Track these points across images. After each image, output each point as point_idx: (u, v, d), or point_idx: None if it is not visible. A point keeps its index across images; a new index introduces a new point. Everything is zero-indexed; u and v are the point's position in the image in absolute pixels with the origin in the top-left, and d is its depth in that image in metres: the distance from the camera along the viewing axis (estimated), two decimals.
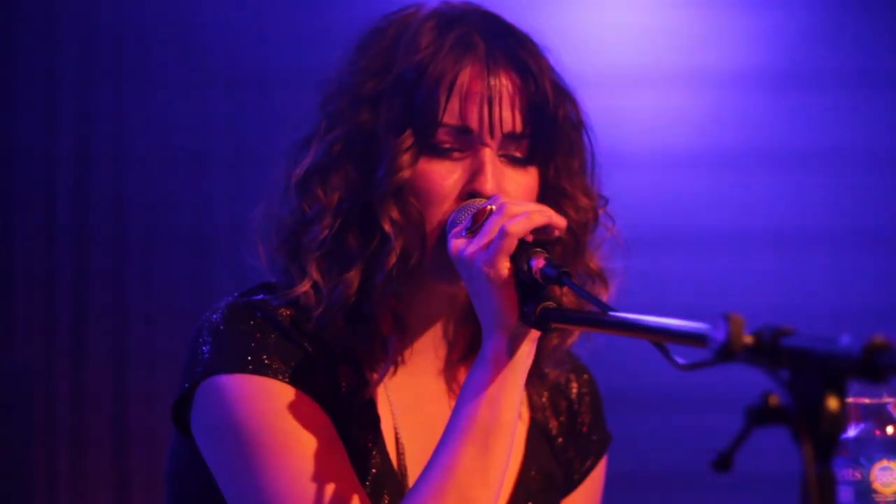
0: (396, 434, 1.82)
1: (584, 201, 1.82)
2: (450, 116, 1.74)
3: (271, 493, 1.69)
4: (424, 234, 1.75)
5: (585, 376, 2.02)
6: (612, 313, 1.53)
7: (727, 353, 1.21)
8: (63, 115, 4.63)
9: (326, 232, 1.76)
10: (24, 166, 4.63)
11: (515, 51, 1.77)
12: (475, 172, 1.74)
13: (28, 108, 4.59)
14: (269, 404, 1.72)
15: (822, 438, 1.16)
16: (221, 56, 4.42)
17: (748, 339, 1.21)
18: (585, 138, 1.83)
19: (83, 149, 4.67)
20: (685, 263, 4.40)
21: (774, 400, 1.17)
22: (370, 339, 1.78)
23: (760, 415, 1.17)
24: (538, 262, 1.62)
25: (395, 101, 1.75)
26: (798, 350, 1.18)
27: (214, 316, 1.79)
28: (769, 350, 1.20)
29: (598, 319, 1.55)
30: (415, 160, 1.74)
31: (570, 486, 2.00)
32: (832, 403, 1.15)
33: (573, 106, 1.82)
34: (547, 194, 1.80)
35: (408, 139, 1.74)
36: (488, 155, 1.74)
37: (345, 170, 1.77)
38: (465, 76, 1.74)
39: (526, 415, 1.94)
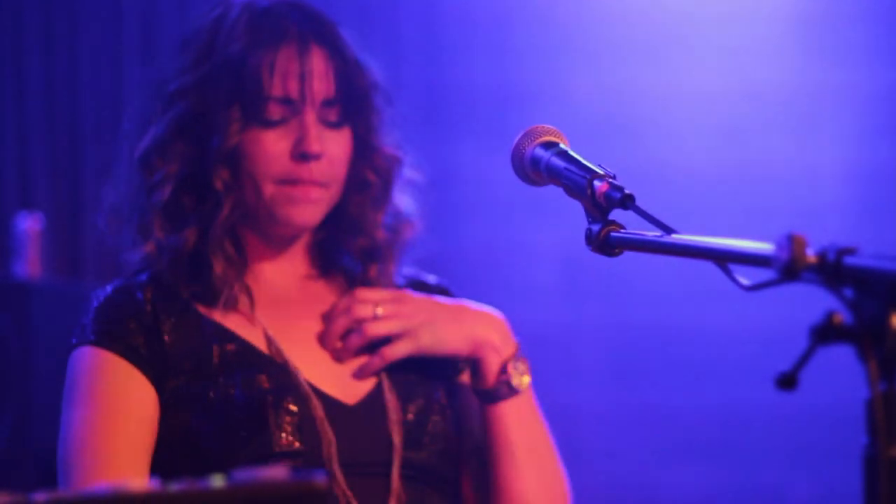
0: (266, 332, 2.10)
1: (387, 151, 2.19)
2: (273, 90, 2.08)
3: (60, 442, 2.02)
4: (260, 189, 2.08)
5: (447, 292, 2.32)
6: (675, 236, 1.53)
7: (791, 272, 1.22)
8: None
9: (167, 196, 2.09)
10: None
11: (322, 32, 2.12)
12: (301, 136, 2.07)
13: None
14: (90, 367, 2.06)
15: (887, 357, 1.16)
16: None
17: (811, 257, 1.22)
18: (384, 100, 2.19)
19: None
20: None
21: (838, 319, 1.17)
22: (211, 280, 2.09)
23: (825, 333, 1.17)
24: (602, 186, 1.63)
25: (222, 82, 2.09)
26: (861, 268, 1.18)
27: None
28: (832, 269, 1.20)
29: (663, 242, 1.55)
30: (243, 130, 2.07)
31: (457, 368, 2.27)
32: None
33: (372, 74, 2.17)
34: (358, 148, 2.15)
35: (236, 112, 2.08)
36: (310, 119, 2.08)
37: (181, 144, 2.10)
38: (283, 57, 2.08)
39: None
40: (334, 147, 2.11)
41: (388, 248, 2.20)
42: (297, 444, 2.01)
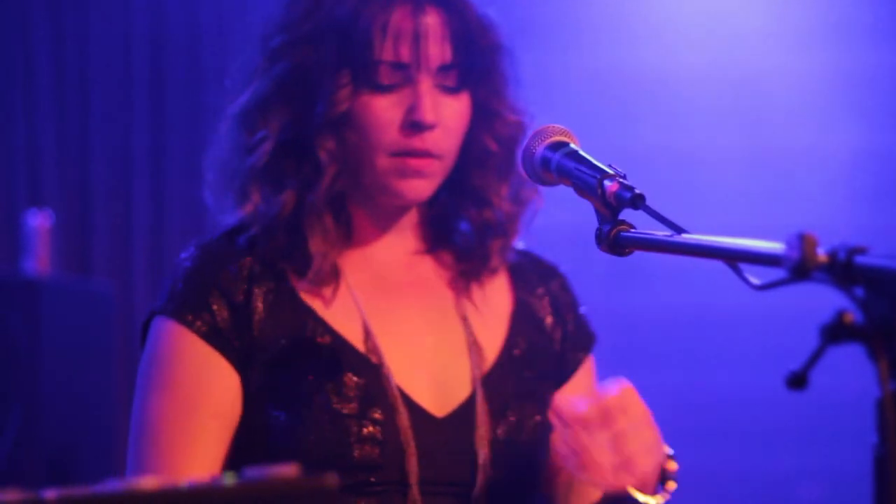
0: (365, 323, 1.98)
1: (511, 117, 2.02)
2: (385, 54, 1.92)
3: (133, 421, 1.94)
4: (372, 160, 1.94)
5: (561, 277, 2.18)
6: (685, 235, 1.53)
7: (801, 271, 1.22)
8: None
9: (266, 158, 1.95)
10: None
11: None
12: (414, 103, 1.92)
13: None
14: (170, 347, 1.94)
15: None
16: None
17: (822, 257, 1.21)
18: (508, 62, 2.02)
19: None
20: None
21: (849, 318, 1.17)
22: (306, 251, 1.96)
23: (835, 333, 1.17)
24: (612, 186, 1.63)
25: (331, 43, 1.94)
26: (872, 268, 1.18)
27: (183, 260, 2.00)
28: (843, 268, 1.20)
29: (673, 242, 1.55)
30: (352, 96, 1.93)
31: (564, 375, 2.10)
32: None
33: (495, 34, 2.00)
34: (478, 114, 2.00)
35: (344, 77, 1.93)
36: (425, 86, 1.93)
37: (285, 104, 1.96)
38: (395, 17, 1.92)
39: (509, 293, 2.11)
40: (450, 115, 1.95)
41: (512, 221, 2.05)
42: (377, 458, 1.89)
